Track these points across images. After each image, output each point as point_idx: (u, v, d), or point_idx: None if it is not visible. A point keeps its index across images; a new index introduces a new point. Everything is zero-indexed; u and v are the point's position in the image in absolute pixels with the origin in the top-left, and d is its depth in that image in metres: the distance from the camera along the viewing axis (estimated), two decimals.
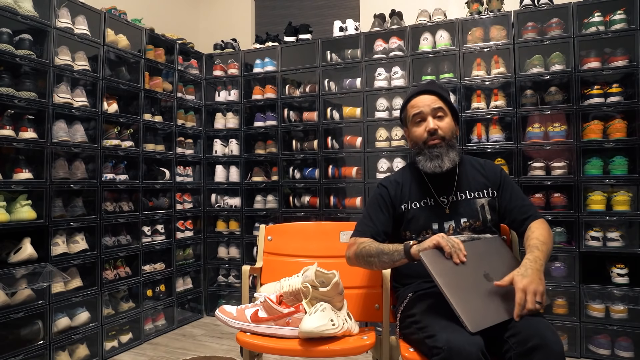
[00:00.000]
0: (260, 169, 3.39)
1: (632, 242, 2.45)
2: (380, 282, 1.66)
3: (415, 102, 1.53)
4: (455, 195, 1.52)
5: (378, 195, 1.58)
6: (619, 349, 2.38)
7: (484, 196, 1.52)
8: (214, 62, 3.54)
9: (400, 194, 1.56)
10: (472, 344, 1.10)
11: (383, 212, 1.55)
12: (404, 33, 2.97)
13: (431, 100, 1.51)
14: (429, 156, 1.49)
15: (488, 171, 1.56)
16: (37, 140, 2.25)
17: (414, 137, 1.54)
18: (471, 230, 1.48)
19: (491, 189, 1.53)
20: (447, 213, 1.50)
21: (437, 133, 1.49)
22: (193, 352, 2.66)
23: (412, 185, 1.57)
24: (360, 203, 3.02)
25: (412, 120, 1.54)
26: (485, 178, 1.54)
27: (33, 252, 2.15)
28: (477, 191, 1.53)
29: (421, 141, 1.52)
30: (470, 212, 1.49)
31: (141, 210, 2.87)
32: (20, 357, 2.11)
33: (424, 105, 1.51)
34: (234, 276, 3.42)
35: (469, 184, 1.53)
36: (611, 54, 2.55)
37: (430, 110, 1.50)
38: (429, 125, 1.49)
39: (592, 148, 2.54)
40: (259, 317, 1.46)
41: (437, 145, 1.49)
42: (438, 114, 1.51)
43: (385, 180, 1.63)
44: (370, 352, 1.59)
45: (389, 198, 1.55)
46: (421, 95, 1.53)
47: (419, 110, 1.51)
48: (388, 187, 1.58)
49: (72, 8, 2.48)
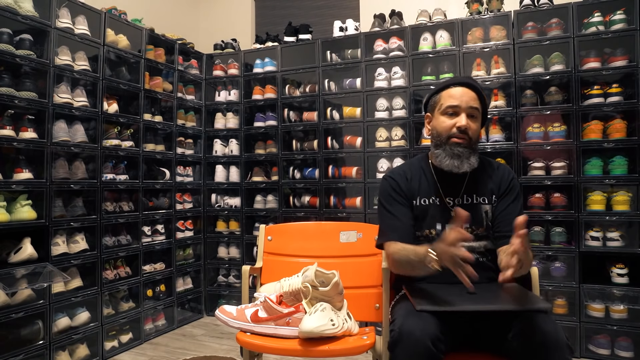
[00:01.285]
0: (260, 169, 3.39)
1: (632, 242, 2.45)
2: (380, 282, 1.66)
3: (455, 93, 1.43)
4: (462, 198, 1.47)
5: (390, 189, 1.50)
6: (619, 349, 2.38)
7: (488, 202, 1.47)
8: (214, 62, 3.54)
9: (410, 187, 1.49)
10: (422, 331, 1.11)
11: (402, 203, 1.48)
12: (404, 33, 2.97)
13: (471, 98, 1.42)
14: (450, 153, 1.41)
15: (499, 177, 1.49)
16: (38, 140, 2.25)
17: (440, 128, 1.44)
18: (474, 236, 1.43)
19: (495, 196, 1.48)
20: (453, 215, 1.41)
21: (466, 132, 1.40)
22: (193, 352, 2.66)
23: (421, 180, 1.50)
24: (360, 203, 3.02)
25: (444, 109, 1.43)
26: (493, 183, 1.49)
27: (33, 252, 2.15)
28: (483, 196, 1.47)
29: (446, 135, 1.42)
30: (475, 217, 1.44)
31: (141, 210, 2.87)
32: (21, 357, 2.11)
33: (462, 99, 1.41)
34: (234, 276, 3.42)
35: (476, 188, 1.48)
36: (611, 54, 2.55)
37: (467, 107, 1.41)
38: (461, 122, 1.39)
39: (592, 148, 2.54)
40: (259, 317, 1.47)
41: (462, 145, 1.40)
42: (473, 114, 1.42)
43: (392, 172, 1.55)
44: (370, 352, 1.59)
45: (401, 190, 1.49)
46: (462, 87, 1.43)
47: (456, 103, 1.41)
48: (397, 180, 1.50)
49: (72, 8, 2.48)
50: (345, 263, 1.80)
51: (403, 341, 1.11)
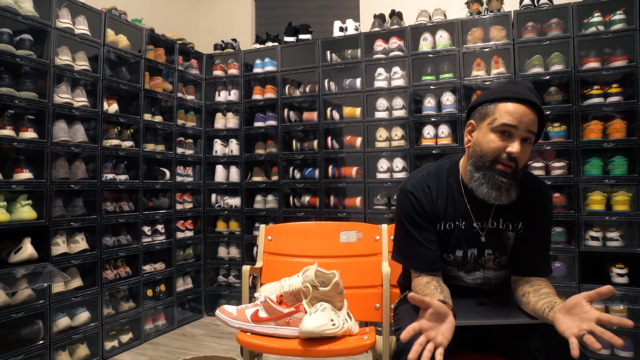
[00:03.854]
0: (260, 169, 3.39)
1: (631, 242, 2.45)
2: (380, 282, 1.66)
3: (515, 111, 1.18)
4: (488, 222, 1.30)
5: (412, 209, 1.31)
6: (619, 349, 2.38)
7: (512, 230, 1.31)
8: (214, 62, 3.54)
9: (434, 209, 1.30)
10: None
11: (427, 228, 1.30)
12: (404, 33, 2.97)
13: (532, 120, 1.18)
14: (490, 181, 1.20)
15: (531, 202, 1.29)
16: (38, 140, 2.25)
17: (487, 147, 1.20)
18: (496, 265, 1.31)
19: (522, 224, 1.30)
20: (483, 241, 1.30)
21: (515, 160, 1.19)
22: (193, 352, 2.66)
23: (447, 202, 1.31)
24: (360, 203, 3.02)
25: (496, 126, 1.19)
26: (524, 208, 1.29)
27: (33, 252, 2.15)
28: (509, 222, 1.30)
29: (492, 157, 1.20)
30: (499, 244, 1.30)
31: (141, 210, 2.87)
32: (21, 357, 2.11)
33: (522, 121, 1.17)
34: (234, 276, 3.42)
35: (503, 214, 1.29)
36: (611, 54, 2.55)
37: (525, 131, 1.18)
38: (514, 148, 1.17)
39: (592, 148, 2.54)
40: (259, 317, 1.47)
41: (506, 174, 1.19)
42: (528, 138, 1.20)
43: (415, 187, 1.33)
44: (370, 352, 1.59)
45: (425, 212, 1.30)
46: (525, 106, 1.18)
47: (514, 124, 1.17)
48: (421, 200, 1.31)
49: (73, 8, 2.48)
50: (345, 263, 1.80)
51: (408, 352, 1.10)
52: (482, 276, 1.33)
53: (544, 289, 1.19)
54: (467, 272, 1.33)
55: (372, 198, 3.01)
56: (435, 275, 1.30)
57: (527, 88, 1.22)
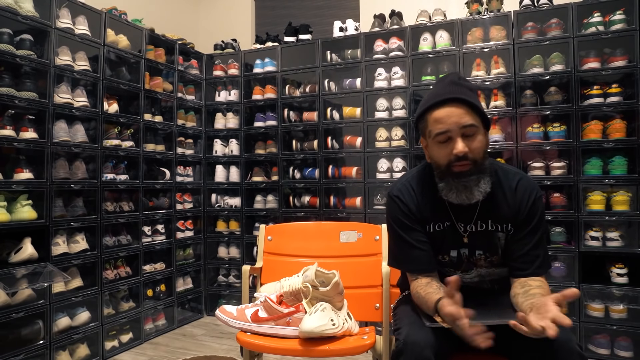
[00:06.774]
0: (260, 169, 3.39)
1: (631, 242, 2.45)
2: (380, 282, 1.66)
3: (440, 116, 1.19)
4: (475, 225, 1.30)
5: (400, 213, 1.32)
6: (619, 349, 2.38)
7: (502, 231, 1.30)
8: (214, 62, 3.55)
9: (421, 211, 1.32)
10: (425, 341, 1.10)
11: (417, 230, 1.31)
12: (404, 33, 2.97)
13: (460, 115, 1.18)
14: (455, 186, 1.21)
15: (517, 201, 1.28)
16: (38, 141, 2.25)
17: (437, 158, 1.24)
18: (488, 263, 1.32)
19: (511, 224, 1.29)
20: (465, 242, 1.31)
21: (467, 157, 1.19)
22: (193, 352, 2.66)
23: (429, 205, 1.31)
24: (360, 203, 3.02)
25: (434, 138, 1.22)
26: (510, 209, 1.28)
27: (33, 252, 2.16)
28: (497, 224, 1.29)
29: (445, 164, 1.21)
30: (488, 245, 1.31)
31: (141, 210, 2.87)
32: (21, 356, 2.11)
33: (451, 122, 1.18)
34: (234, 276, 3.42)
35: (491, 214, 1.29)
36: (611, 54, 2.55)
37: (459, 128, 1.18)
38: (457, 149, 1.17)
39: (592, 148, 2.54)
40: (259, 317, 1.47)
41: (465, 173, 1.19)
42: (469, 132, 1.19)
43: (401, 192, 1.34)
44: (370, 352, 1.59)
45: (413, 215, 1.31)
46: (447, 106, 1.19)
47: (444, 129, 1.19)
48: (408, 204, 1.32)
49: (73, 8, 2.48)
50: (345, 263, 1.81)
51: (407, 352, 1.10)
52: (477, 274, 1.34)
53: (533, 290, 1.20)
54: (463, 271, 1.34)
55: (372, 198, 3.01)
56: (432, 277, 1.31)
57: (449, 83, 1.23)
